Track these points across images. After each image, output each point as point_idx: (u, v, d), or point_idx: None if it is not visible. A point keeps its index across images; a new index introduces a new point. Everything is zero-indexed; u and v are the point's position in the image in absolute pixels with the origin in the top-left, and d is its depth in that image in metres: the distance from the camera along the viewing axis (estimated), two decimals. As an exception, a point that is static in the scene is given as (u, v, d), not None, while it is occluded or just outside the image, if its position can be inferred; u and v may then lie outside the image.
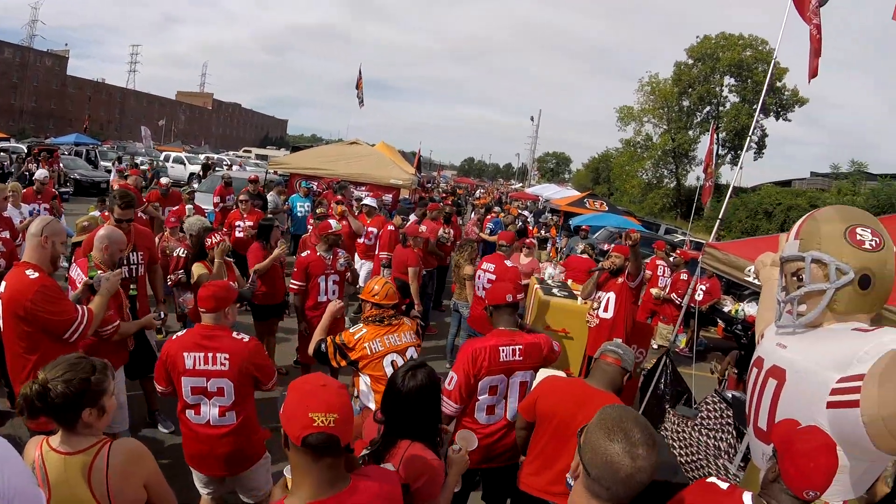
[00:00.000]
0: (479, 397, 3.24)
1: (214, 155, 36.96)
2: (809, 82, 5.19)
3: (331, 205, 8.96)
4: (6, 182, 9.48)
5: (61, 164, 18.74)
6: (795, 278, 1.93)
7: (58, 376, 1.98)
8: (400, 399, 2.28)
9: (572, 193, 29.71)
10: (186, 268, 5.33)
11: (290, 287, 5.61)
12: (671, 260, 9.79)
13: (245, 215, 8.12)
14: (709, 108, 47.83)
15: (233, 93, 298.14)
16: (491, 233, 11.87)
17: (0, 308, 3.16)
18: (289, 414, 1.59)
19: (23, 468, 1.55)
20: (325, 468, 1.61)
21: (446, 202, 14.58)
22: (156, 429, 4.85)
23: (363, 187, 13.75)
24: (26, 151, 20.94)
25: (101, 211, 7.99)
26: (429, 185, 31.33)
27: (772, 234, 3.83)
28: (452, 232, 9.58)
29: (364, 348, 3.36)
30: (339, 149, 16.02)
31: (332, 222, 5.73)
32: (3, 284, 3.18)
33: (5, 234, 5.60)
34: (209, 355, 2.98)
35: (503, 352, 3.24)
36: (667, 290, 9.15)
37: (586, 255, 8.88)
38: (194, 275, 5.08)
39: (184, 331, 3.24)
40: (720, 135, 42.96)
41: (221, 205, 10.35)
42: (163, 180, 10.02)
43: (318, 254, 5.54)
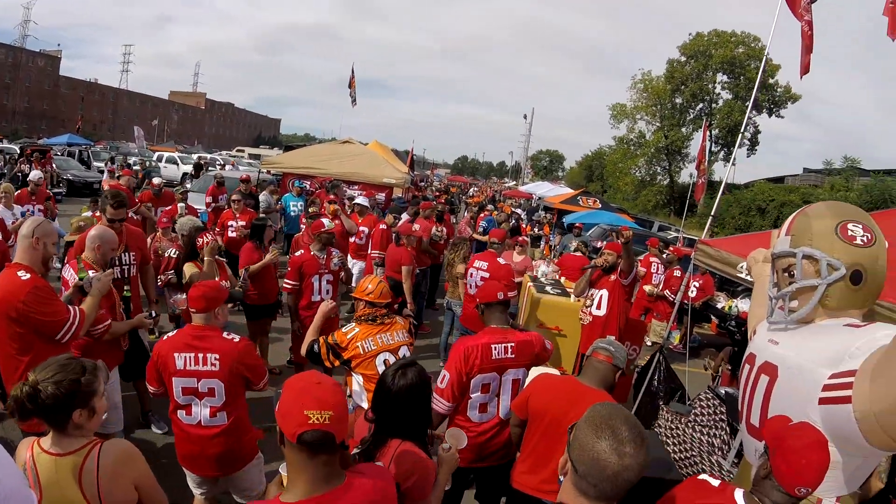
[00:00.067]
0: (471, 395, 3.24)
1: (207, 155, 36.81)
2: (801, 78, 5.21)
3: (323, 204, 8.95)
4: (-1, 183, 9.40)
5: (54, 165, 18.62)
6: (787, 274, 1.92)
7: (48, 378, 1.97)
8: (390, 398, 2.28)
9: (566, 191, 29.77)
10: (178, 268, 5.31)
11: (283, 286, 5.59)
12: (664, 257, 9.80)
13: (237, 215, 8.13)
14: (702, 105, 47.97)
15: (226, 92, 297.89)
16: (483, 231, 11.86)
17: None
18: (284, 411, 1.60)
19: (15, 470, 1.55)
20: (320, 465, 1.61)
21: (440, 200, 14.57)
22: (149, 429, 4.83)
23: (356, 186, 13.76)
24: (19, 152, 20.78)
25: (93, 212, 7.96)
26: (422, 184, 31.35)
27: (765, 231, 3.82)
28: (445, 230, 9.59)
29: (356, 347, 3.35)
30: (332, 148, 16.05)
31: (325, 221, 5.72)
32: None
33: (-3, 235, 5.56)
34: (199, 356, 2.96)
35: (495, 349, 3.24)
36: (660, 287, 9.16)
37: (580, 253, 8.89)
38: (186, 275, 5.07)
39: (176, 331, 3.23)
40: (713, 132, 43.06)
41: (214, 205, 10.29)
42: (155, 180, 9.95)
43: (311, 253, 5.53)
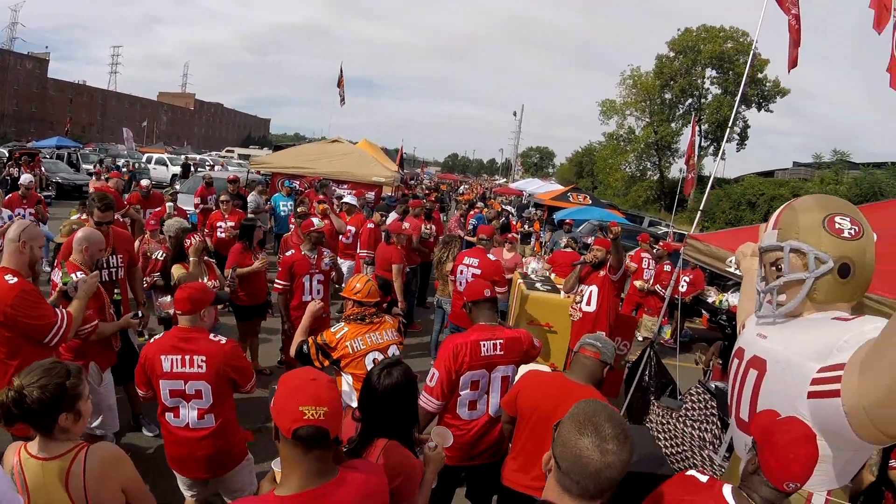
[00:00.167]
0: (460, 392, 3.23)
1: (196, 155, 36.67)
2: (789, 72, 5.21)
3: (312, 203, 8.92)
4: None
5: (43, 168, 18.51)
6: (774, 268, 1.92)
7: (33, 382, 1.98)
8: (376, 397, 2.27)
9: (556, 187, 29.85)
10: (165, 270, 5.26)
11: (274, 287, 5.56)
12: (655, 252, 9.83)
13: (226, 216, 8.11)
14: (691, 101, 48.12)
15: (215, 93, 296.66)
16: (473, 229, 11.84)
17: None
18: (279, 407, 1.63)
19: (2, 475, 1.57)
20: (314, 460, 1.64)
21: (430, 198, 14.56)
22: (140, 432, 4.81)
23: (345, 185, 13.73)
24: (7, 155, 20.63)
25: (80, 214, 7.89)
26: (412, 182, 31.31)
27: (754, 225, 3.81)
28: (434, 228, 9.58)
29: (346, 347, 3.34)
30: (321, 147, 16.02)
31: (315, 220, 5.70)
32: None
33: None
34: (186, 358, 2.94)
35: (484, 346, 3.24)
36: (651, 282, 9.19)
37: (570, 249, 8.89)
38: (174, 276, 5.03)
39: (163, 334, 3.20)
40: (702, 127, 43.22)
41: (203, 206, 10.24)
42: (143, 182, 9.86)
43: (302, 253, 5.51)
